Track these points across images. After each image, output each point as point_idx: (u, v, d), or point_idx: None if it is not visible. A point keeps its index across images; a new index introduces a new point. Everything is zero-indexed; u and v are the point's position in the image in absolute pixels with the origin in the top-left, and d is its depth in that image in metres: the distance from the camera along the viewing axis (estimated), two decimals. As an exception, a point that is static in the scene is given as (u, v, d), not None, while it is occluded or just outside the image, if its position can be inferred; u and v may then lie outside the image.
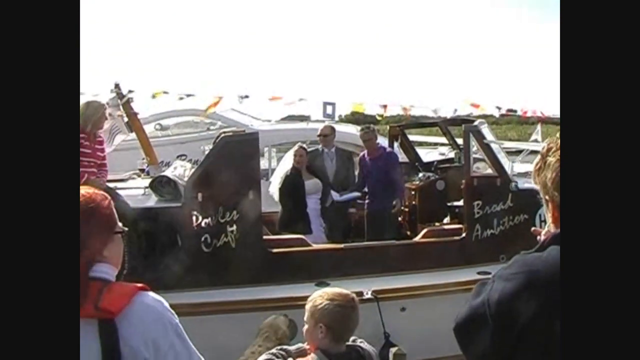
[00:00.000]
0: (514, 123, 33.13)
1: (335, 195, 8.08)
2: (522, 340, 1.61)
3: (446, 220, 8.23)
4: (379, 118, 10.89)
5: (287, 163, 8.00)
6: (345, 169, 8.21)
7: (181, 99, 10.18)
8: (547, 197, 1.78)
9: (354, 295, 3.27)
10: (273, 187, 8.05)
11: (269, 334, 5.17)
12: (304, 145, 8.02)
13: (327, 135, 8.27)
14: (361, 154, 8.60)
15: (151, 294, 2.13)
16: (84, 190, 2.17)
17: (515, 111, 13.10)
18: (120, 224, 2.27)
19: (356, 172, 8.62)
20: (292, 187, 7.58)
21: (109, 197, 2.26)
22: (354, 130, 13.28)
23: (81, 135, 6.01)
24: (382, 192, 8.01)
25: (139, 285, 2.12)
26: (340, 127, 12.74)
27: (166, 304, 2.13)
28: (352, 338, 3.24)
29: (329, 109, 10.70)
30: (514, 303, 1.62)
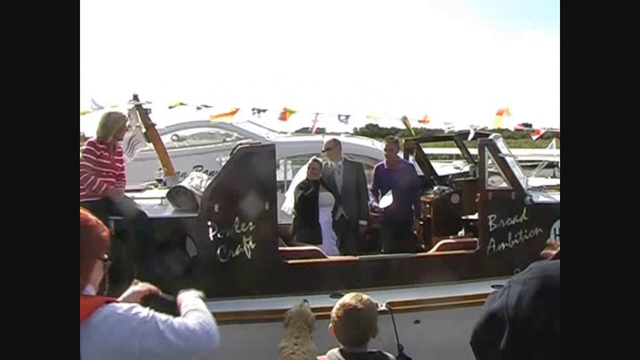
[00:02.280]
0: (529, 137, 32.95)
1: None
2: (539, 341, 1.63)
3: (461, 233, 8.23)
4: (414, 133, 10.81)
5: (302, 176, 8.06)
6: (354, 181, 8.16)
7: (199, 109, 10.27)
8: None
9: (355, 303, 3.33)
10: (287, 203, 8.09)
11: (300, 322, 5.27)
12: (319, 159, 8.05)
13: (330, 148, 8.23)
14: (378, 164, 8.63)
15: (115, 304, 2.17)
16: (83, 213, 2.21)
17: (530, 125, 13.06)
18: (105, 255, 2.32)
19: (368, 185, 8.60)
20: (305, 198, 7.66)
21: (107, 230, 2.31)
22: (369, 143, 13.32)
23: (101, 146, 6.13)
24: (399, 204, 8.00)
25: (105, 298, 2.19)
26: (354, 140, 12.78)
27: (127, 307, 2.16)
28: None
29: (343, 119, 10.73)
30: (530, 306, 1.67)
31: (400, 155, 9.19)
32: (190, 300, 2.48)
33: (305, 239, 7.28)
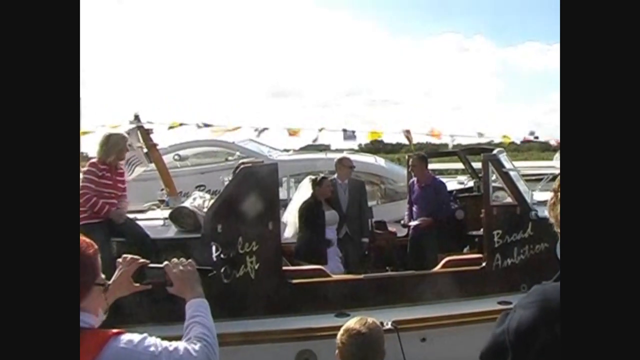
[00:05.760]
0: (534, 150, 32.92)
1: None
2: None
3: (466, 250, 8.22)
4: (412, 147, 10.93)
5: (304, 192, 8.03)
6: (358, 199, 8.24)
7: (199, 127, 10.33)
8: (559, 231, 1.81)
9: (360, 328, 3.24)
10: (288, 216, 8.06)
11: None
12: (328, 177, 8.06)
13: (352, 167, 8.36)
14: (411, 180, 8.74)
15: (124, 336, 2.15)
16: None
17: (537, 137, 13.12)
18: (103, 277, 2.30)
19: (369, 203, 8.68)
20: (313, 216, 7.63)
21: (95, 247, 2.27)
22: (371, 159, 13.35)
23: (103, 167, 6.15)
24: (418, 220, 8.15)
25: (114, 331, 2.16)
26: (358, 157, 12.80)
27: (137, 341, 2.15)
28: None
29: (349, 135, 10.85)
30: (530, 331, 1.66)
31: (404, 171, 9.28)
32: (197, 310, 2.45)
33: (311, 259, 7.20)
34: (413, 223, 8.23)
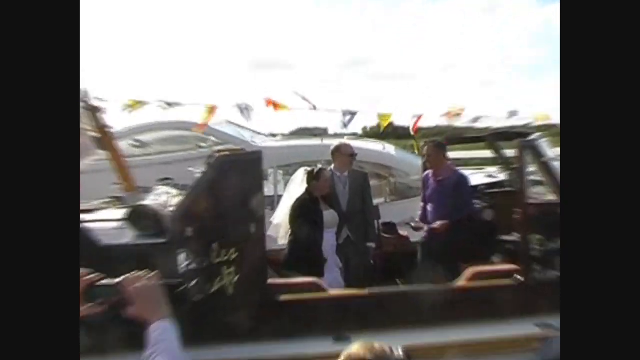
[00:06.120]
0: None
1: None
2: None
3: (496, 259, 8.20)
4: (412, 133, 10.92)
5: (297, 188, 8.03)
6: (360, 194, 8.24)
7: (164, 108, 10.25)
8: None
9: (364, 354, 3.20)
10: (280, 217, 8.05)
11: None
12: (326, 169, 8.05)
13: (353, 156, 8.35)
14: (425, 173, 8.76)
15: None
16: None
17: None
18: None
19: (376, 201, 8.68)
20: (308, 217, 7.57)
21: None
22: (379, 147, 13.35)
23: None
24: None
25: None
26: (361, 144, 12.80)
27: None
28: None
29: (347, 120, 10.80)
30: None
31: (419, 161, 9.26)
32: (162, 335, 2.48)
33: (304, 270, 7.14)
34: (428, 226, 8.24)
